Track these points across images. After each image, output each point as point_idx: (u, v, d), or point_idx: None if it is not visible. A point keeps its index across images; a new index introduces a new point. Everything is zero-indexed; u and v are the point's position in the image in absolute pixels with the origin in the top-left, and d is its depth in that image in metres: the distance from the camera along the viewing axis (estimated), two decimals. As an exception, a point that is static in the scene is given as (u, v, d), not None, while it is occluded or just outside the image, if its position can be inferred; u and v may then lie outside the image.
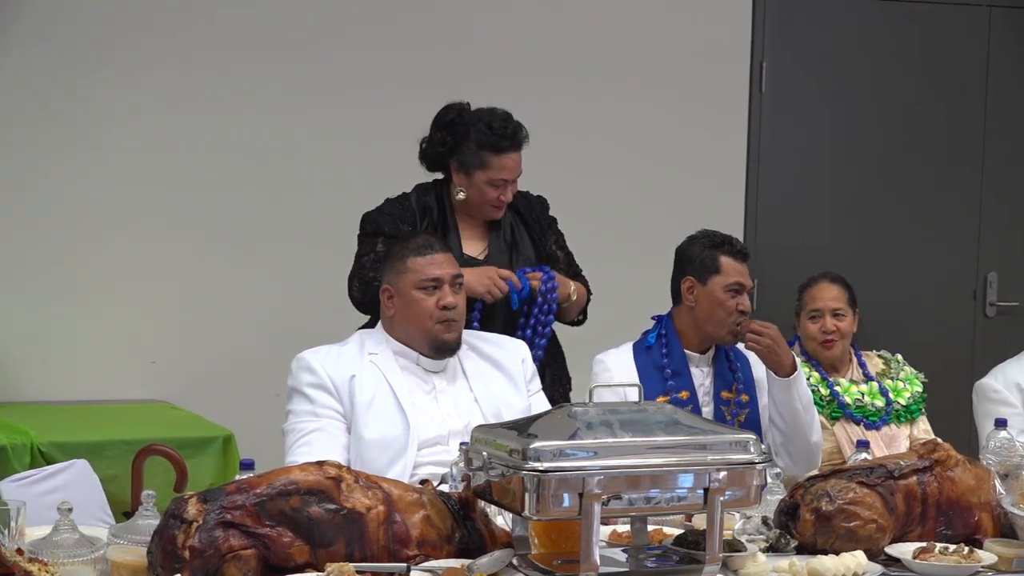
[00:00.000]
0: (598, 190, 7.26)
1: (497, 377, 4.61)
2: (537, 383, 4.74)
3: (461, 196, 5.09)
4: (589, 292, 5.31)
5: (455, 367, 4.59)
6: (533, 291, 5.04)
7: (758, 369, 5.14)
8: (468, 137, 5.07)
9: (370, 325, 4.94)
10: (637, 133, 7.35)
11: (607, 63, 7.29)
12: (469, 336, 4.66)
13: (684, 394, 4.97)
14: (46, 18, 6.40)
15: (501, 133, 5.06)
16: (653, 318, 5.21)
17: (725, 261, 5.06)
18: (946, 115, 7.93)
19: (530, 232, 5.23)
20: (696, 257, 5.10)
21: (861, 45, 7.81)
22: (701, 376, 5.09)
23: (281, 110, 6.78)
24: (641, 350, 5.12)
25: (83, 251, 6.53)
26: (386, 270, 4.58)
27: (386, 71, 6.90)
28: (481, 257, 5.12)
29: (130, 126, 6.57)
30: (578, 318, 5.29)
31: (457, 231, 5.12)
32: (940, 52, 7.91)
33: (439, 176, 5.20)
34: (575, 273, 5.30)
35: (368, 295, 4.96)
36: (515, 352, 4.71)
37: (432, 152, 5.16)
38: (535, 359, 4.91)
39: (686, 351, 5.10)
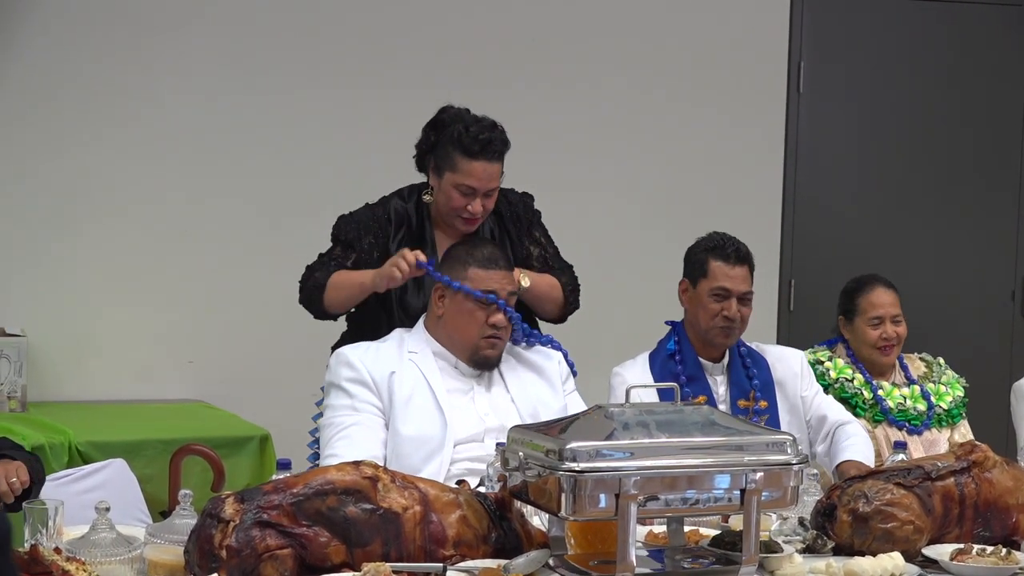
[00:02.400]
0: (635, 190, 7.26)
1: (533, 377, 4.59)
2: (572, 383, 4.70)
3: (427, 198, 4.92)
4: (573, 288, 5.02)
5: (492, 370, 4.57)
6: None
7: (777, 369, 5.09)
8: (445, 135, 4.84)
9: (349, 336, 4.90)
10: (674, 133, 7.35)
11: (644, 63, 7.29)
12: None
13: (701, 399, 4.89)
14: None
15: (475, 137, 4.79)
16: (667, 323, 5.17)
17: (714, 265, 4.99)
18: (984, 114, 7.90)
19: (510, 237, 5.00)
20: (692, 258, 5.08)
21: (898, 44, 7.79)
22: (716, 384, 5.05)
23: (326, 111, 6.80)
24: (657, 359, 5.07)
25: (121, 251, 6.55)
26: (443, 269, 4.56)
27: (430, 66, 6.91)
28: None
29: (173, 127, 6.60)
30: (560, 314, 5.02)
31: (433, 242, 4.92)
32: (977, 51, 7.88)
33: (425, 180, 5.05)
34: (552, 268, 5.02)
35: (303, 295, 4.92)
36: (550, 354, 4.69)
37: (418, 150, 4.98)
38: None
39: (700, 359, 5.06)
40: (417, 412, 4.38)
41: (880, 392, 5.48)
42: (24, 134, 6.41)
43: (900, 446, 4.47)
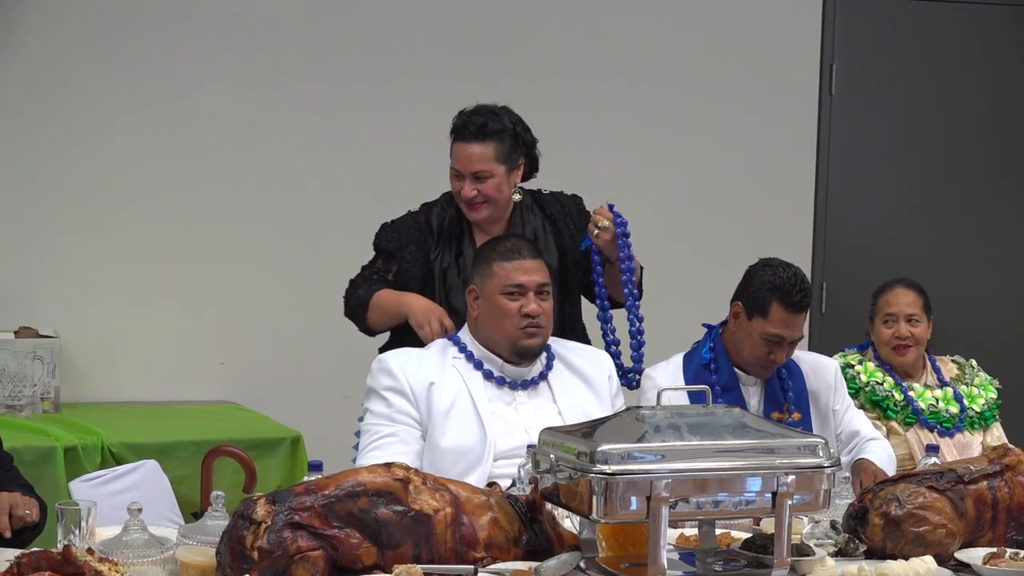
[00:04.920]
0: (666, 192, 7.25)
1: (582, 389, 4.56)
2: (622, 399, 4.65)
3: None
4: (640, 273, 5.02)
5: (538, 377, 4.55)
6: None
7: (810, 379, 5.06)
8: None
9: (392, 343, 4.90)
10: (706, 134, 7.34)
11: (675, 64, 7.28)
12: (555, 345, 4.62)
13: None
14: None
15: (466, 119, 4.85)
16: (704, 325, 5.13)
17: (776, 309, 4.85)
18: (1018, 115, 7.87)
19: (559, 237, 4.99)
20: (754, 289, 4.91)
21: (931, 46, 7.76)
22: (749, 395, 5.02)
23: (349, 110, 6.82)
24: (691, 364, 5.03)
25: (153, 254, 6.57)
26: (473, 271, 4.56)
27: (470, 64, 6.92)
28: None
29: (202, 129, 6.62)
30: (628, 298, 4.93)
31: (472, 237, 4.93)
32: (1011, 53, 7.85)
33: None
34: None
35: (348, 308, 4.94)
36: (601, 365, 4.66)
37: None
38: (632, 319, 4.87)
39: (735, 369, 5.03)
40: (457, 422, 4.35)
41: (911, 393, 5.47)
42: (58, 136, 6.44)
43: (932, 449, 4.45)
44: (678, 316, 5.64)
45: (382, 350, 4.75)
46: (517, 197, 4.96)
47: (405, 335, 4.82)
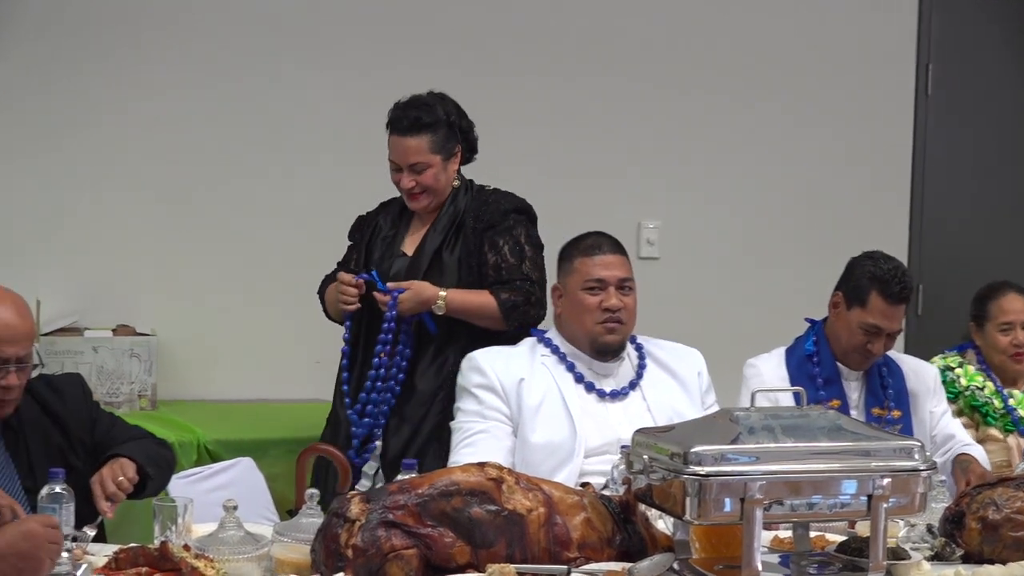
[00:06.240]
0: (761, 194, 7.22)
1: (672, 387, 4.56)
2: (712, 396, 4.65)
3: None
4: (514, 306, 4.86)
5: (629, 374, 4.55)
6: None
7: (911, 381, 5.04)
8: None
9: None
10: (801, 135, 7.30)
11: (770, 66, 7.24)
12: (646, 343, 4.63)
13: (835, 403, 4.85)
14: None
15: (400, 113, 4.94)
16: (807, 320, 5.13)
17: (875, 299, 4.88)
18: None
19: (465, 238, 4.95)
20: (855, 279, 4.95)
21: (1028, 46, 7.69)
22: (851, 390, 5.00)
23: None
24: (794, 357, 5.04)
25: (250, 252, 6.62)
26: (558, 269, 4.57)
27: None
28: (409, 253, 5.02)
29: (305, 124, 6.66)
30: (504, 329, 4.87)
31: (408, 225, 5.05)
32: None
33: None
34: (503, 280, 4.90)
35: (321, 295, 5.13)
36: (692, 363, 4.65)
37: None
38: (392, 389, 4.87)
39: (838, 363, 5.02)
40: (547, 419, 4.37)
41: (1011, 402, 5.41)
42: (159, 136, 6.49)
43: (1031, 454, 4.42)
44: (777, 314, 5.59)
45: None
46: (457, 183, 5.02)
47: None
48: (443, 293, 4.83)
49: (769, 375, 4.95)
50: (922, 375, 5.09)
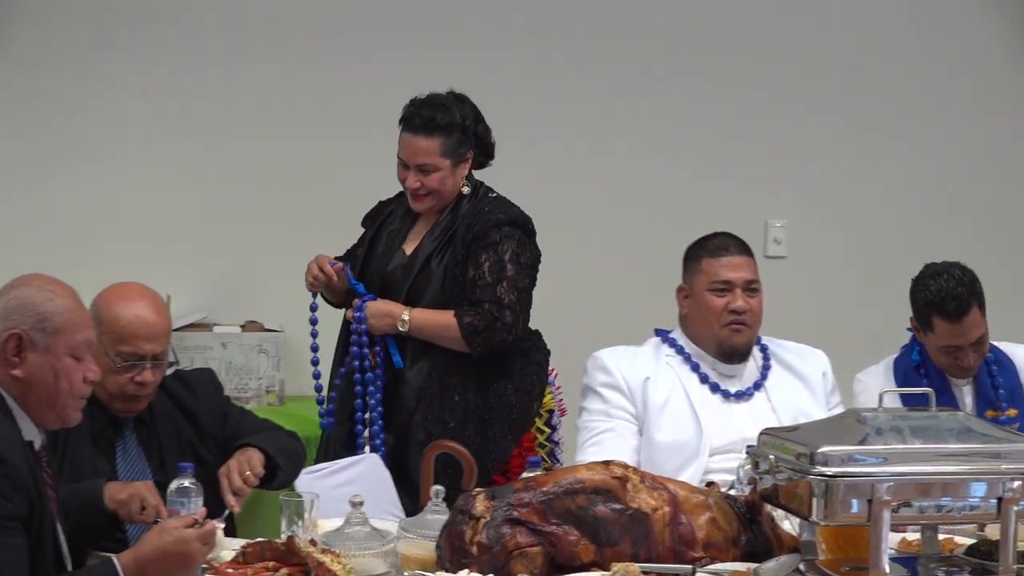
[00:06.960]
0: (890, 191, 7.13)
1: (797, 387, 4.54)
2: (837, 396, 4.62)
3: None
4: (475, 331, 4.68)
5: (753, 375, 4.53)
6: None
7: None
8: None
9: None
10: (934, 134, 7.17)
11: (903, 65, 7.14)
12: (770, 344, 4.61)
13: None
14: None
15: (415, 110, 4.80)
16: (909, 330, 5.02)
17: (938, 324, 4.75)
18: None
19: (454, 248, 4.79)
20: (917, 308, 4.84)
21: None
22: (962, 395, 4.90)
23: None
24: (900, 367, 4.95)
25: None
26: (684, 270, 4.56)
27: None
28: (408, 252, 4.92)
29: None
30: (468, 352, 4.72)
31: (414, 223, 4.94)
32: None
33: None
34: (473, 301, 4.71)
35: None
36: (816, 363, 4.62)
37: None
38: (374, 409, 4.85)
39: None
40: (672, 418, 4.37)
41: None
42: (280, 133, 6.54)
43: None
44: (905, 316, 5.49)
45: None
46: (466, 189, 4.89)
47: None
48: (406, 317, 4.74)
49: (878, 388, 4.84)
50: None
